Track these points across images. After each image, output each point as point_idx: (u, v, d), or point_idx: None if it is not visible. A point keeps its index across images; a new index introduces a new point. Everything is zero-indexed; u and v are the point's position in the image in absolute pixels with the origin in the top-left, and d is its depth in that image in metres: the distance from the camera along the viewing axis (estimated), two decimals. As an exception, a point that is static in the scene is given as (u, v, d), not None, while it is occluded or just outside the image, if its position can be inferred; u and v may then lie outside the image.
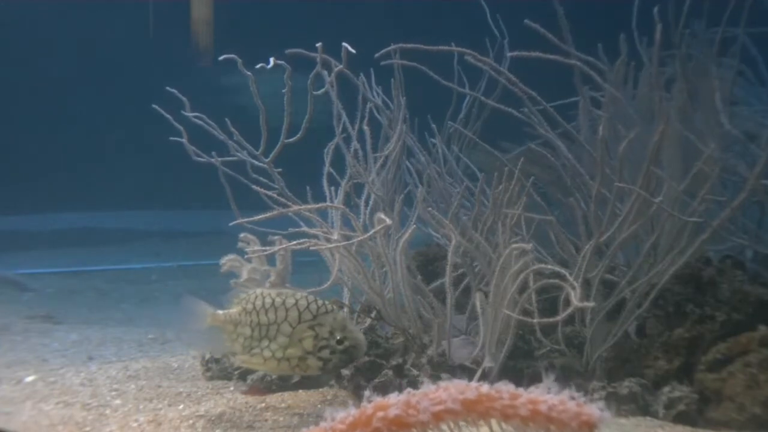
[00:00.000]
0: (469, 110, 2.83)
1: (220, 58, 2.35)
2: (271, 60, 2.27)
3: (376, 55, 2.32)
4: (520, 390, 0.96)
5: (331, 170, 2.46)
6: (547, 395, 0.93)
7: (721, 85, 2.33)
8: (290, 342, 1.85)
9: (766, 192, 2.32)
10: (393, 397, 0.96)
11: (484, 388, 0.96)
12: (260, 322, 1.88)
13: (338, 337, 1.84)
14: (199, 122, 2.49)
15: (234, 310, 1.92)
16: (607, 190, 2.17)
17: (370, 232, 2.21)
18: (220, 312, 1.93)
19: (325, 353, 1.85)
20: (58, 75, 6.74)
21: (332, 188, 2.45)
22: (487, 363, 2.05)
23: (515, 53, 2.19)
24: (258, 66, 2.31)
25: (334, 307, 1.88)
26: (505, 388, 0.95)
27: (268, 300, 1.89)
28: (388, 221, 2.16)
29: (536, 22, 2.17)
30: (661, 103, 2.19)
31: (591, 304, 1.95)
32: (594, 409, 0.93)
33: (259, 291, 1.92)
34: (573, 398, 0.95)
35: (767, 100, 2.81)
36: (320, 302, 1.88)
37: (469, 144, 2.83)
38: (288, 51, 2.27)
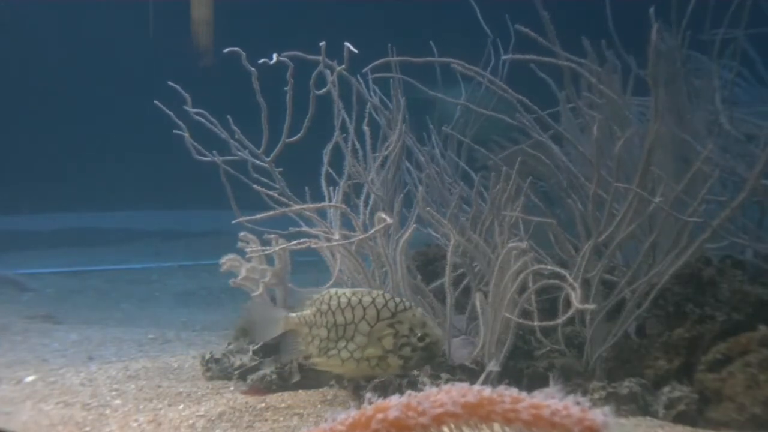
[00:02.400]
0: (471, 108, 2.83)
1: (225, 50, 2.35)
2: (274, 56, 2.28)
3: (364, 69, 2.34)
4: (523, 394, 0.95)
5: (329, 170, 2.46)
6: (550, 400, 0.92)
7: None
8: (369, 341, 1.79)
9: (765, 192, 2.32)
10: (393, 399, 0.95)
11: (486, 391, 0.95)
12: (336, 322, 1.81)
13: (419, 334, 1.78)
14: (201, 120, 2.50)
15: (308, 312, 1.86)
16: (604, 191, 2.17)
17: (371, 232, 2.21)
18: (294, 315, 1.87)
19: (406, 351, 1.78)
20: (58, 75, 6.74)
21: (331, 188, 2.46)
22: (491, 367, 2.04)
23: (509, 56, 2.19)
24: (261, 61, 2.31)
25: (412, 304, 1.82)
26: (507, 392, 0.94)
27: (343, 299, 1.82)
28: (389, 220, 2.16)
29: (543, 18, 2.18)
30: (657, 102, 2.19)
31: (591, 306, 1.95)
32: (598, 415, 0.91)
33: (333, 291, 1.86)
34: (578, 403, 0.93)
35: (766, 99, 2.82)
36: (398, 299, 1.81)
37: (469, 142, 2.83)
38: (285, 54, 2.27)
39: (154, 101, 2.51)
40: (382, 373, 1.86)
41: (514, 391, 0.95)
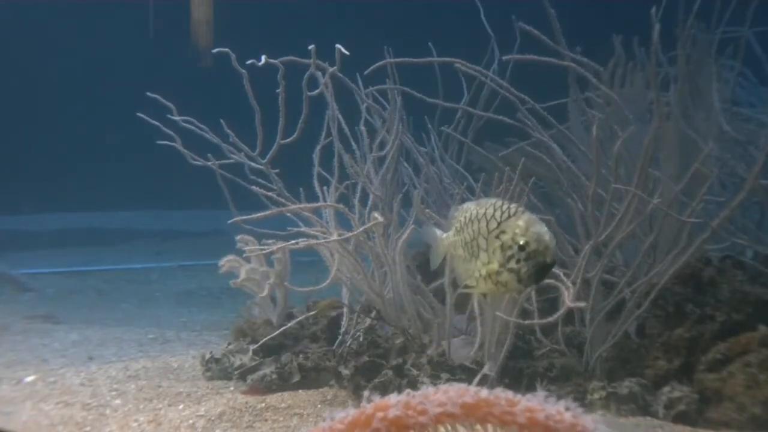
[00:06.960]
0: (472, 107, 2.83)
1: (214, 50, 2.35)
2: (263, 57, 2.27)
3: (366, 72, 2.34)
4: (518, 397, 0.95)
5: (320, 171, 2.47)
6: (544, 404, 0.93)
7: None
8: (489, 257, 1.58)
9: (765, 192, 2.32)
10: (393, 398, 0.95)
11: (483, 392, 0.95)
12: (466, 239, 1.62)
13: (520, 242, 1.53)
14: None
15: (451, 232, 1.67)
16: (604, 190, 2.17)
17: (361, 228, 2.21)
18: (444, 236, 1.70)
19: (513, 264, 1.54)
20: (59, 75, 6.74)
21: (325, 188, 2.46)
22: (487, 370, 2.04)
23: (508, 57, 2.19)
24: (249, 62, 2.31)
25: (519, 209, 1.57)
26: (503, 394, 0.95)
27: (467, 214, 1.62)
28: (381, 219, 2.15)
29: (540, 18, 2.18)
30: (659, 102, 2.19)
31: (582, 304, 1.94)
32: (588, 421, 0.93)
33: (465, 205, 1.65)
34: (569, 409, 0.94)
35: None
36: (505, 207, 1.57)
37: (467, 144, 2.83)
38: (279, 59, 2.27)
39: (137, 114, 2.52)
40: (505, 291, 1.65)
41: (509, 394, 0.95)
